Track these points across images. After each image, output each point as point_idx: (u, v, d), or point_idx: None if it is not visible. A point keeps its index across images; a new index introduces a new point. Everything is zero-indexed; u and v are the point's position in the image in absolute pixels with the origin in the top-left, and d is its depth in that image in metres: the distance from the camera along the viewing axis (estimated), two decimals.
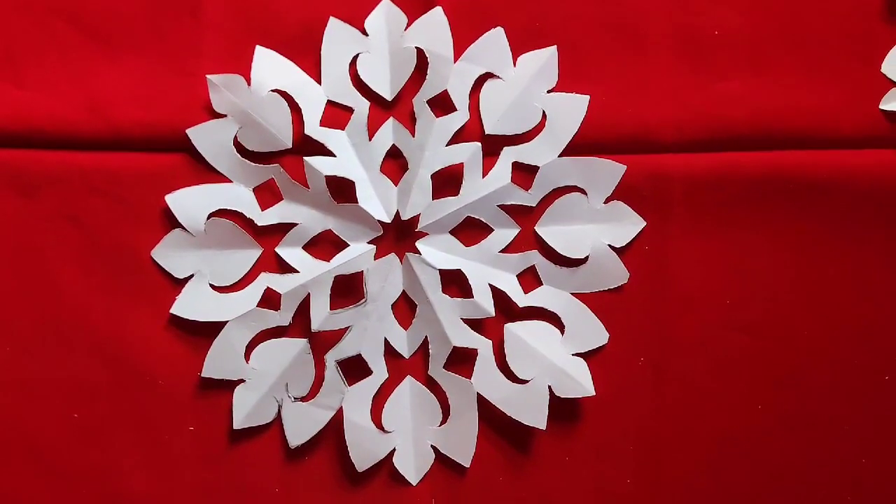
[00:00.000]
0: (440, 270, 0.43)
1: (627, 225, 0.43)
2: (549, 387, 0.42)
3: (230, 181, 0.43)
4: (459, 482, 0.44)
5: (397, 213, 0.43)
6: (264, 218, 0.43)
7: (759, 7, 0.44)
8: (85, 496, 0.43)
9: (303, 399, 0.43)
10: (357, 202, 0.42)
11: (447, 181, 0.43)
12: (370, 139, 0.43)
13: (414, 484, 0.43)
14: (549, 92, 0.43)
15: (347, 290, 0.43)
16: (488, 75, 0.43)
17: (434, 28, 0.43)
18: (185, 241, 0.43)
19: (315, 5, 0.44)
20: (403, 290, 0.44)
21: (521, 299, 0.43)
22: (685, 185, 0.43)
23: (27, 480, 0.43)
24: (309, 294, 0.42)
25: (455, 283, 0.44)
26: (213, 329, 0.43)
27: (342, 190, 0.43)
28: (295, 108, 0.43)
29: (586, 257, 0.43)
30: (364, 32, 0.43)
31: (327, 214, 0.43)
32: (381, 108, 0.44)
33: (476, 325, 0.43)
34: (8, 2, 0.44)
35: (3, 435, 0.43)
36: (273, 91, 0.43)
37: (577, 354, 0.43)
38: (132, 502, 0.43)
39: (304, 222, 0.43)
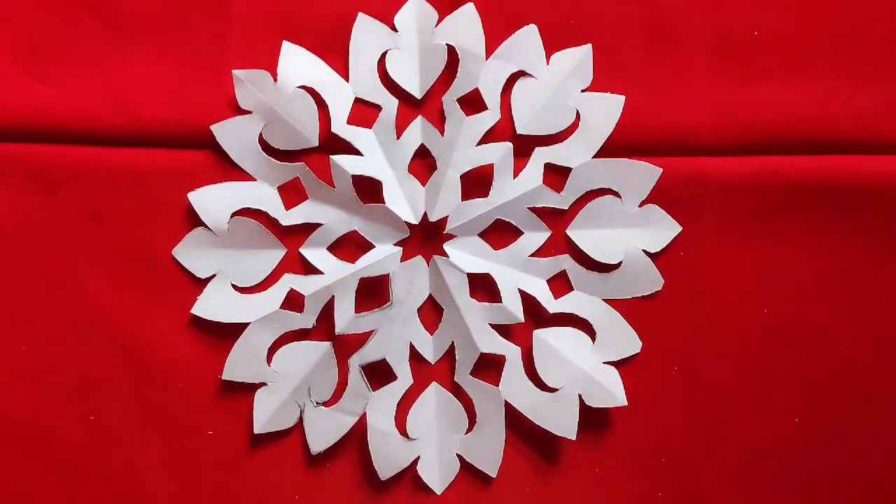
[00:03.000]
0: (468, 274, 0.42)
1: (662, 230, 0.42)
2: (580, 396, 0.41)
3: (254, 179, 0.42)
4: (485, 492, 0.42)
5: (425, 214, 0.42)
6: (289, 217, 0.42)
7: (799, 8, 0.43)
8: (101, 499, 0.42)
9: (325, 404, 0.42)
10: (384, 203, 0.41)
11: (477, 182, 0.42)
12: (398, 138, 0.42)
13: (438, 493, 0.42)
14: (583, 91, 0.42)
15: (373, 292, 0.42)
16: (521, 73, 0.42)
17: (465, 24, 0.42)
18: (207, 240, 0.42)
19: (344, 0, 0.43)
20: (430, 294, 0.43)
21: (552, 305, 0.42)
22: (722, 189, 0.42)
23: (43, 481, 0.42)
24: (333, 296, 0.41)
25: (483, 287, 0.43)
26: (234, 331, 0.42)
27: (369, 190, 0.42)
28: (322, 106, 0.42)
29: (619, 262, 0.42)
30: (393, 28, 0.43)
31: (353, 215, 0.42)
32: (409, 106, 0.43)
33: (504, 330, 0.42)
34: None
35: (21, 435, 0.42)
36: (300, 87, 0.42)
37: (609, 363, 0.42)
38: None
39: (330, 222, 0.42)
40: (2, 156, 0.42)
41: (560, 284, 0.43)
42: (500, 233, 0.43)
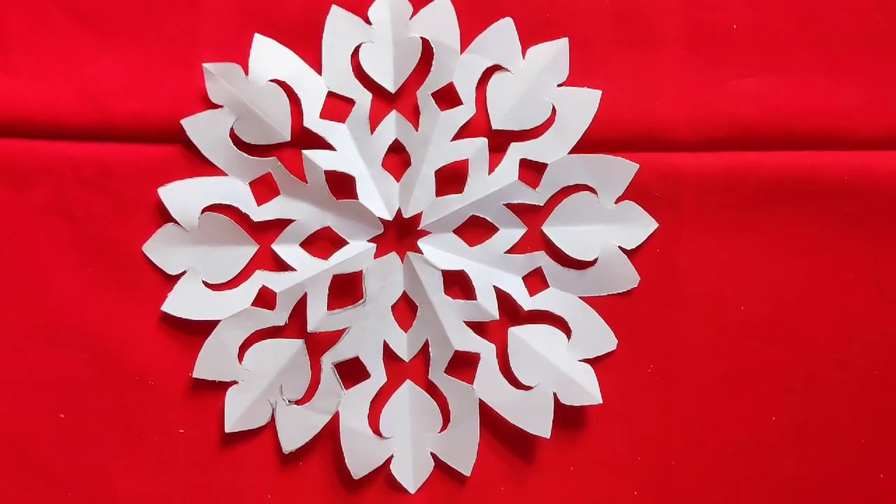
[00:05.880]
0: (443, 271, 0.41)
1: (639, 226, 0.42)
2: (555, 394, 0.41)
3: (226, 174, 0.42)
4: (459, 491, 0.42)
5: (399, 210, 0.42)
6: (260, 213, 0.42)
7: (777, 2, 0.43)
8: (71, 498, 0.42)
9: (298, 402, 0.41)
10: (357, 198, 0.41)
11: (451, 178, 0.42)
12: (372, 133, 0.42)
13: (412, 492, 0.42)
14: (559, 86, 0.42)
15: (346, 289, 0.42)
16: (496, 68, 0.42)
17: (440, 17, 0.42)
18: (178, 235, 0.42)
19: None
20: (404, 291, 0.42)
21: (527, 302, 0.42)
22: (699, 185, 0.42)
23: (11, 481, 0.42)
24: (306, 293, 0.41)
25: (458, 284, 0.42)
26: (205, 328, 0.41)
27: (342, 185, 0.41)
28: (294, 100, 0.42)
29: (595, 259, 0.42)
30: (367, 21, 0.42)
31: (326, 211, 0.42)
32: (383, 100, 0.42)
33: (479, 328, 0.42)
34: None
35: None
36: (272, 81, 0.41)
37: (584, 360, 0.42)
38: None
39: (302, 218, 0.42)
40: None
41: (535, 281, 0.42)
42: (475, 229, 0.42)
